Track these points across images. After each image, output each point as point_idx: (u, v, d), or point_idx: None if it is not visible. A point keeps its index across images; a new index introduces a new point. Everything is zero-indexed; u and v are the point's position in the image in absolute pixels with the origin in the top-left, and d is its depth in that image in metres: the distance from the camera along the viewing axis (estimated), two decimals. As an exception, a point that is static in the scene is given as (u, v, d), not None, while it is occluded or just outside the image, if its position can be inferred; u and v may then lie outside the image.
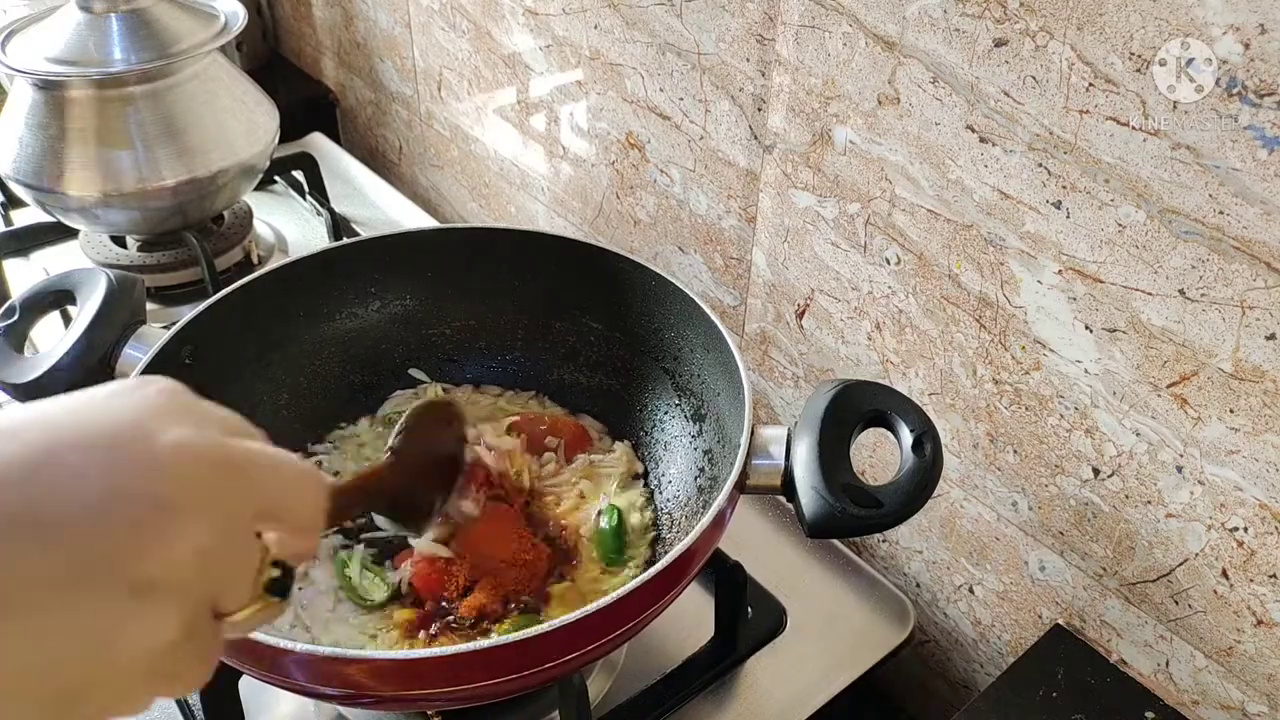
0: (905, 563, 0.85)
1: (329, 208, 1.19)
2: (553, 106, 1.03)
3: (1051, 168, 0.61)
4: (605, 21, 0.91)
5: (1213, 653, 0.65)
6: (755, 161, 0.82)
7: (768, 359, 0.90)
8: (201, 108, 1.01)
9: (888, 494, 0.58)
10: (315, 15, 1.44)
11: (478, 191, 1.25)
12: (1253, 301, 0.55)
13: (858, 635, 0.77)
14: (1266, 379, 0.56)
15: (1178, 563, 0.64)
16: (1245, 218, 0.53)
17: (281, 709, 0.71)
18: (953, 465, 0.76)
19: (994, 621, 0.79)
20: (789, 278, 0.83)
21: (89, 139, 0.97)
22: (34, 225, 1.15)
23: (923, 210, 0.70)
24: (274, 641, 0.51)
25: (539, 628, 0.52)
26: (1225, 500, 0.60)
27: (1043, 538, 0.72)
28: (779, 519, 0.85)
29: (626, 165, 0.96)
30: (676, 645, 0.75)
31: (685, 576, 0.59)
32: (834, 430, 0.60)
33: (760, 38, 0.76)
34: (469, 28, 1.11)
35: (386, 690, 0.54)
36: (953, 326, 0.72)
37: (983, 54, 0.62)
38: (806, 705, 0.72)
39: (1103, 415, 0.65)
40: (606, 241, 0.90)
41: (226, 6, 1.05)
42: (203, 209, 1.05)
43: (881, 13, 0.66)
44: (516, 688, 0.56)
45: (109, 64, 0.96)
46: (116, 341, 0.70)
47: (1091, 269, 0.62)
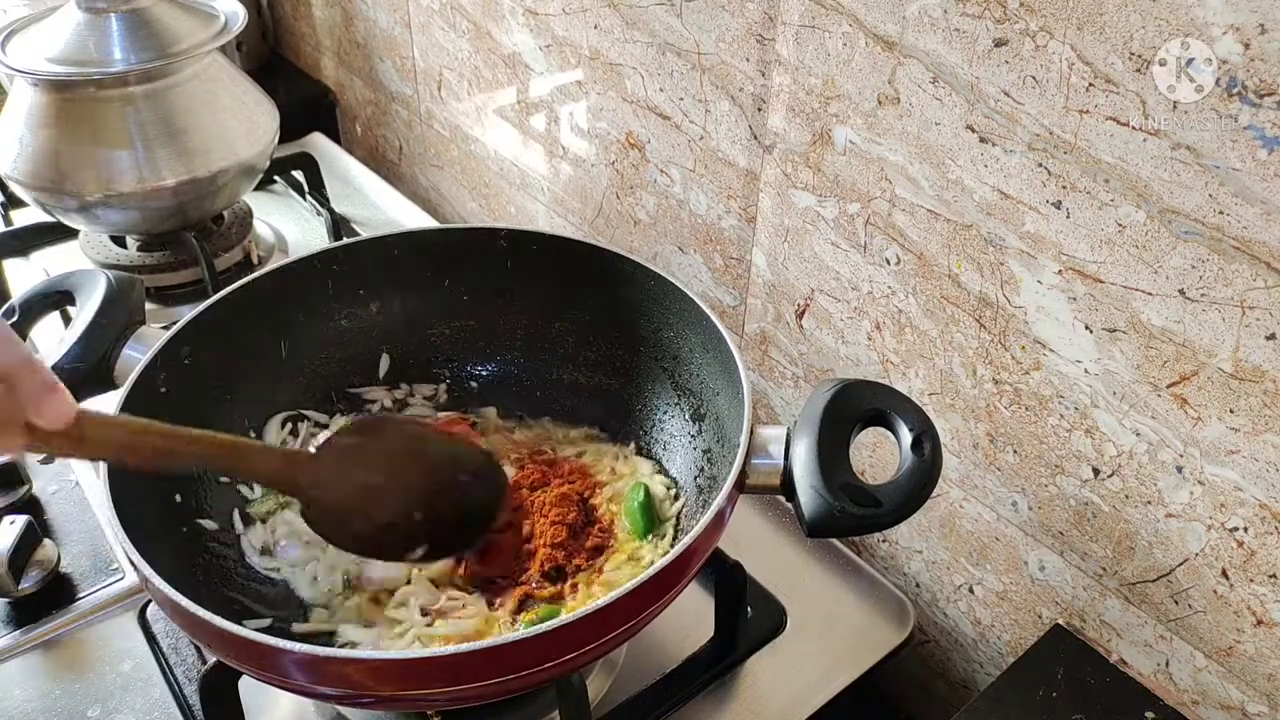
0: (905, 563, 0.85)
1: (329, 208, 1.19)
2: (553, 106, 1.03)
3: (1051, 168, 0.61)
4: (605, 21, 0.90)
5: (1213, 653, 0.65)
6: (755, 161, 0.82)
7: (767, 359, 0.90)
8: (201, 108, 1.01)
9: (887, 493, 0.57)
10: (315, 15, 1.44)
11: (478, 191, 1.25)
12: (1253, 301, 0.55)
13: (858, 635, 0.77)
14: (1266, 379, 0.56)
15: (1178, 563, 0.64)
16: (1245, 218, 0.53)
17: (281, 709, 0.71)
18: (952, 465, 0.76)
19: (994, 621, 0.79)
20: (789, 278, 0.83)
21: (89, 139, 0.97)
22: (34, 225, 1.15)
23: (923, 210, 0.70)
24: (274, 642, 0.51)
25: (539, 628, 0.52)
26: (1225, 500, 0.60)
27: (1043, 538, 0.72)
28: (779, 519, 0.85)
29: (626, 165, 0.96)
30: (676, 645, 0.75)
31: (685, 576, 0.59)
32: (833, 430, 0.60)
33: (760, 38, 0.76)
34: (469, 28, 1.11)
35: (386, 690, 0.54)
36: (953, 326, 0.72)
37: (983, 54, 0.62)
38: (806, 705, 0.72)
39: (1103, 415, 0.65)
40: (606, 241, 0.90)
41: (226, 6, 1.05)
42: (203, 209, 1.05)
43: (881, 13, 0.66)
44: (516, 687, 0.56)
45: (109, 64, 0.96)
46: (116, 342, 0.70)
47: (1091, 269, 0.62)
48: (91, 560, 0.80)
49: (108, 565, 0.79)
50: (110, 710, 0.71)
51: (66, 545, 0.80)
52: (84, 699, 0.71)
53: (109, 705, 0.71)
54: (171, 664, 0.73)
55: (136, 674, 0.73)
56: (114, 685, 0.72)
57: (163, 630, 0.75)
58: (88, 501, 0.84)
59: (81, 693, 0.72)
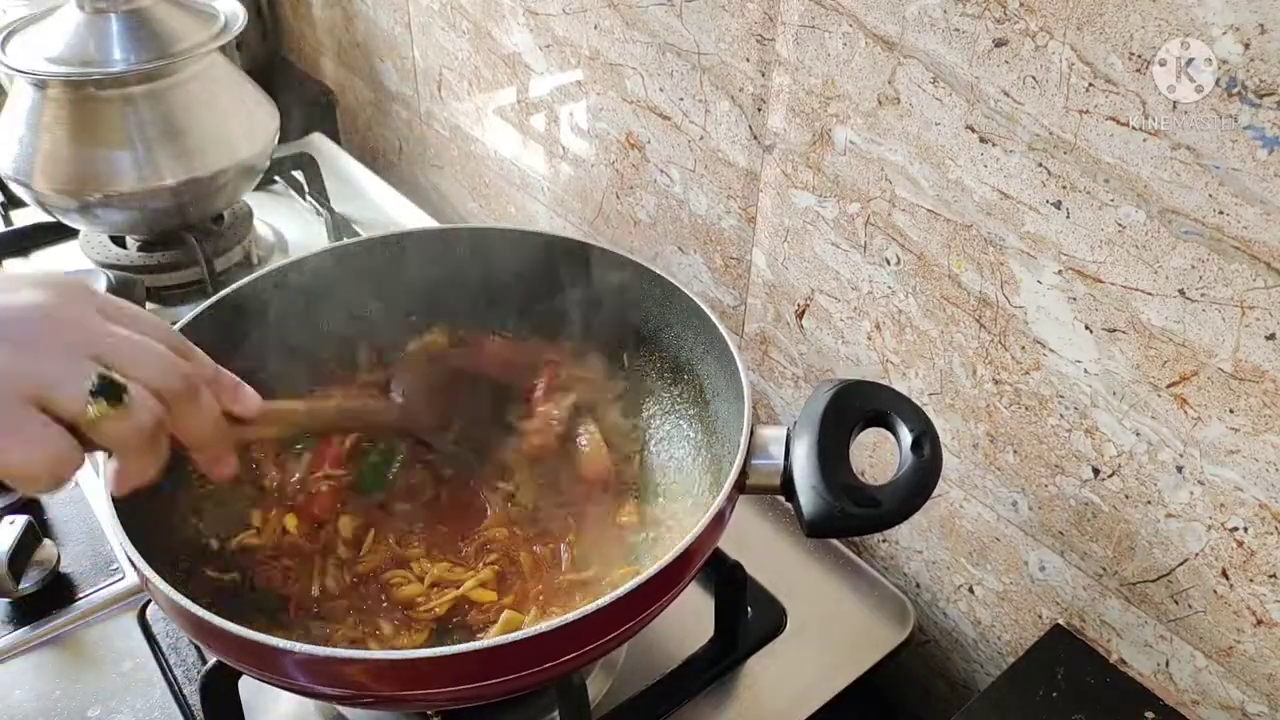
0: (905, 563, 0.85)
1: (329, 208, 1.19)
2: (553, 106, 1.03)
3: (1051, 168, 0.61)
4: (605, 21, 0.91)
5: (1213, 653, 0.65)
6: (755, 161, 0.82)
7: (768, 359, 0.90)
8: (201, 108, 1.01)
9: (887, 494, 0.57)
10: (315, 15, 1.44)
11: (478, 191, 1.25)
12: (1253, 301, 0.55)
13: (858, 635, 0.77)
14: (1266, 379, 0.56)
15: (1178, 563, 0.64)
16: (1245, 218, 0.53)
17: (281, 709, 0.71)
18: (952, 465, 0.76)
19: (994, 621, 0.79)
20: (789, 278, 0.83)
21: (89, 139, 0.97)
22: (34, 225, 1.15)
23: (923, 210, 0.70)
24: (274, 642, 0.51)
25: (538, 627, 0.52)
26: (1225, 500, 0.60)
27: (1043, 538, 0.72)
28: (779, 519, 0.85)
29: (626, 165, 0.96)
30: (676, 645, 0.75)
31: (684, 576, 0.59)
32: (833, 430, 0.60)
33: (760, 38, 0.76)
34: (469, 28, 1.11)
35: (386, 690, 0.54)
36: (953, 326, 0.72)
37: (983, 54, 0.62)
38: (806, 705, 0.72)
39: (1103, 415, 0.65)
40: (606, 241, 0.90)
41: (226, 6, 1.05)
42: (203, 209, 1.05)
43: (881, 13, 0.66)
44: (516, 687, 0.56)
45: (109, 64, 0.96)
46: (116, 341, 0.70)
47: (1091, 269, 0.62)
48: (91, 560, 0.80)
49: (108, 565, 0.79)
50: (110, 710, 0.71)
51: (66, 545, 0.80)
52: (84, 699, 0.71)
53: (109, 705, 0.71)
54: (171, 664, 0.73)
55: (136, 674, 0.73)
56: (114, 685, 0.72)
57: (163, 630, 0.75)
58: (88, 501, 0.84)
59: (81, 693, 0.72)
